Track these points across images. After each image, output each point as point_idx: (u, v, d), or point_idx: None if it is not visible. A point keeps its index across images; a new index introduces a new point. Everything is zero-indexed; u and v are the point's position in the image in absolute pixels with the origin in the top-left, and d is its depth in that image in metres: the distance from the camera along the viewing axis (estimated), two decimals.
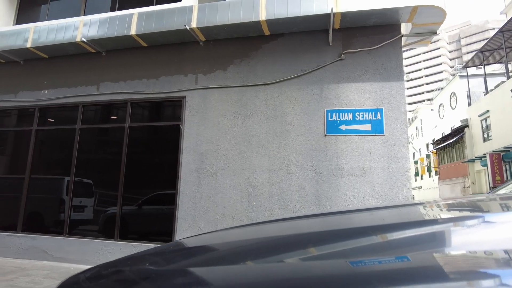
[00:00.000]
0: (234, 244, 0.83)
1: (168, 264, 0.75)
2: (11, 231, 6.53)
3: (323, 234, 0.80)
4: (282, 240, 0.81)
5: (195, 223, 5.52)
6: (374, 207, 1.19)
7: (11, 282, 4.73)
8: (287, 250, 0.66)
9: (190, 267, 0.66)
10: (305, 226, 1.03)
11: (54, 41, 6.35)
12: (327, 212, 1.24)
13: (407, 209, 1.09)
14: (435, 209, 1.05)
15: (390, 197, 4.99)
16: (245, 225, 1.14)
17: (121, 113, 6.53)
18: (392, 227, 0.78)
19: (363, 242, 0.66)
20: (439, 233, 0.69)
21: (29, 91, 7.02)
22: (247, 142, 5.58)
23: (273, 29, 5.64)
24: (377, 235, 0.69)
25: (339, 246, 0.66)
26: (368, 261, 0.54)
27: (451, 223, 0.77)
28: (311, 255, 0.63)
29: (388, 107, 5.19)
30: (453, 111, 27.04)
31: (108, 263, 0.81)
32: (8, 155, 7.48)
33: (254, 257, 0.66)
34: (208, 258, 0.74)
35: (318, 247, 0.66)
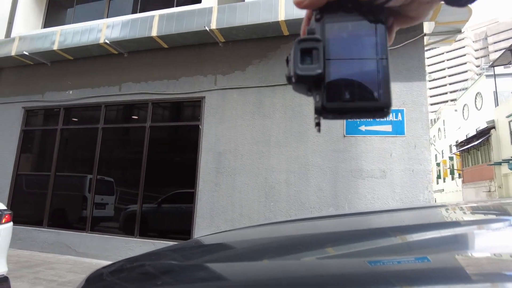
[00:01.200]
0: (252, 242, 0.83)
1: (188, 260, 0.76)
2: (37, 226, 6.78)
3: (341, 234, 0.79)
4: (299, 239, 0.81)
5: (213, 222, 5.57)
6: (394, 209, 1.17)
7: (37, 274, 4.92)
8: (305, 249, 0.66)
9: (210, 263, 0.67)
10: (323, 226, 1.02)
11: (79, 43, 6.55)
12: (345, 213, 1.22)
13: (427, 211, 1.07)
14: (456, 211, 1.02)
15: (410, 199, 4.89)
16: (263, 224, 1.14)
17: (142, 113, 6.67)
18: (412, 228, 0.76)
19: (382, 242, 0.65)
20: (460, 235, 0.67)
21: (55, 92, 7.27)
22: (265, 142, 5.58)
23: (292, 29, 5.62)
24: (397, 236, 0.68)
25: (358, 246, 0.65)
26: (387, 261, 0.53)
27: (473, 226, 0.75)
28: (329, 254, 0.63)
29: (410, 107, 5.08)
30: (478, 112, 26.13)
31: (131, 258, 0.83)
32: (35, 153, 7.78)
33: (272, 255, 0.66)
34: (227, 254, 0.75)
35: (336, 247, 0.66)
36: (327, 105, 0.37)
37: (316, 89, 0.38)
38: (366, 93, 0.37)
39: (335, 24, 0.39)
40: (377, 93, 0.37)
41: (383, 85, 0.37)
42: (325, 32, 0.39)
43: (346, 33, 0.39)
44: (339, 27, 0.39)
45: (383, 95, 0.37)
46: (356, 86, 0.37)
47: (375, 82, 0.37)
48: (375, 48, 0.38)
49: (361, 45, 0.38)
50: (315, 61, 0.37)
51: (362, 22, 0.39)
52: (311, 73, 0.37)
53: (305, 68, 0.37)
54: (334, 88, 0.37)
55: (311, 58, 0.37)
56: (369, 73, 0.37)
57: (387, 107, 0.37)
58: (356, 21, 0.39)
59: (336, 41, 0.38)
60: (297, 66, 0.37)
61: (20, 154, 7.40)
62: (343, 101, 0.37)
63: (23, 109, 7.51)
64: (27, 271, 5.05)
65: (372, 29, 0.39)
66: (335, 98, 0.37)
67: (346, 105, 0.37)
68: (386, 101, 0.37)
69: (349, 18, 0.39)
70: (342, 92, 0.37)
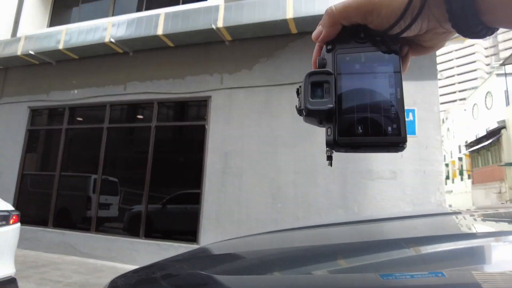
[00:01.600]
0: (262, 253, 0.82)
1: (195, 270, 0.74)
2: (43, 226, 6.77)
3: (352, 245, 0.77)
4: (310, 250, 0.78)
5: (219, 223, 5.49)
6: (406, 216, 1.14)
7: (43, 275, 4.90)
8: (316, 262, 0.65)
9: (218, 275, 0.65)
10: (334, 235, 1.00)
11: (84, 42, 6.52)
12: (356, 220, 1.20)
13: (441, 219, 1.02)
14: (472, 220, 0.97)
15: (421, 201, 4.76)
16: (272, 231, 1.12)
17: (148, 113, 6.62)
18: (426, 239, 0.74)
19: (395, 254, 0.63)
20: (477, 248, 0.64)
21: (60, 91, 7.26)
22: (272, 142, 5.48)
23: (301, 28, 5.51)
24: (410, 248, 0.66)
25: (370, 258, 0.63)
26: (400, 275, 0.51)
27: (490, 237, 0.70)
28: (340, 267, 0.62)
29: (421, 107, 4.95)
30: (488, 111, 25.73)
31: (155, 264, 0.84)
32: (40, 152, 7.78)
33: (282, 268, 0.65)
34: (236, 266, 0.73)
35: (347, 259, 0.65)
36: (339, 140, 0.36)
37: (327, 123, 0.37)
38: (379, 128, 0.35)
39: (347, 55, 0.38)
40: (390, 128, 0.35)
41: (397, 120, 0.35)
42: (337, 64, 0.38)
43: (359, 64, 0.38)
44: (352, 58, 0.38)
45: (397, 130, 0.35)
46: (369, 121, 0.36)
47: (389, 117, 0.35)
48: (389, 81, 0.36)
49: (375, 78, 0.37)
50: (326, 95, 0.36)
51: (376, 53, 0.38)
52: (322, 107, 0.36)
53: (316, 102, 0.37)
54: (346, 123, 0.36)
55: (322, 92, 0.37)
56: (383, 107, 0.36)
57: (402, 142, 0.35)
58: (369, 51, 0.38)
59: (348, 73, 0.37)
60: (308, 100, 0.37)
61: (26, 153, 7.40)
62: (356, 136, 0.36)
63: (28, 109, 7.51)
64: (33, 272, 5.05)
65: (386, 60, 0.37)
66: (347, 133, 0.36)
67: (358, 140, 0.36)
68: (400, 137, 0.35)
69: (362, 49, 0.38)
70: (355, 127, 0.36)
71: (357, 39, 0.38)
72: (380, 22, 0.37)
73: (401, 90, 0.36)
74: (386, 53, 0.37)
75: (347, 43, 0.38)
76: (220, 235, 5.44)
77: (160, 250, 5.67)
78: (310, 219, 5.07)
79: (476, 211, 1.12)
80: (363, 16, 0.37)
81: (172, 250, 5.60)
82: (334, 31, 0.39)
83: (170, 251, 5.60)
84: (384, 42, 0.37)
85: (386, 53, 0.37)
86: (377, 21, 0.37)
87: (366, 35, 0.38)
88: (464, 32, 0.35)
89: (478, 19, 0.34)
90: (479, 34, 0.35)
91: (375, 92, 0.36)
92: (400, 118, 0.35)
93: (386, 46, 0.37)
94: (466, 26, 0.35)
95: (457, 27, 0.35)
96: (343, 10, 0.37)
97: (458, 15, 0.34)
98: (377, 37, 0.37)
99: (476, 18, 0.34)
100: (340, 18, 0.38)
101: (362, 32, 0.38)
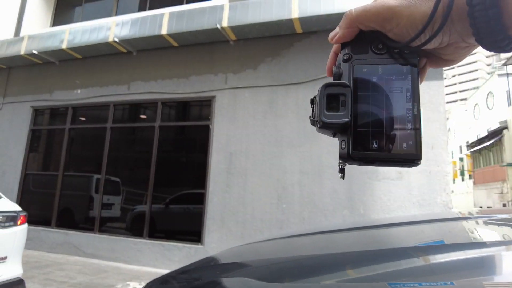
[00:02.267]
0: (270, 261, 0.83)
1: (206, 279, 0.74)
2: (46, 226, 6.75)
3: (361, 254, 0.77)
4: (319, 259, 0.79)
5: (224, 224, 5.46)
6: (414, 221, 1.14)
7: (48, 275, 4.88)
8: (325, 271, 0.66)
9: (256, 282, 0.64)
10: (342, 242, 1.00)
11: (87, 42, 6.49)
12: (362, 226, 1.19)
13: (451, 224, 1.02)
14: (482, 227, 0.96)
15: (427, 201, 4.73)
16: (280, 237, 1.12)
17: (151, 113, 6.59)
18: (435, 248, 0.73)
19: (404, 264, 0.63)
20: (488, 258, 0.62)
21: (63, 91, 7.23)
22: (277, 142, 5.46)
23: (306, 27, 5.48)
24: (419, 257, 0.66)
25: (378, 268, 0.63)
26: (409, 284, 0.51)
27: (502, 246, 0.70)
28: (349, 277, 0.62)
29: (427, 107, 4.92)
30: (490, 111, 25.70)
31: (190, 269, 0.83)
32: (43, 152, 7.76)
33: (291, 277, 0.66)
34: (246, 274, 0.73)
35: (356, 269, 0.65)
36: (353, 154, 0.35)
37: (342, 135, 0.37)
38: (394, 143, 0.35)
39: (364, 67, 0.37)
40: (405, 144, 0.34)
41: (413, 136, 0.35)
42: (354, 75, 0.37)
43: (376, 76, 0.36)
44: (369, 70, 0.37)
45: (412, 146, 0.34)
46: (384, 136, 0.35)
47: (405, 132, 0.35)
48: (406, 95, 0.35)
49: (391, 91, 0.36)
50: (342, 107, 0.36)
51: (393, 65, 0.36)
52: (338, 121, 0.35)
53: (332, 115, 0.36)
54: (361, 137, 0.35)
55: (338, 104, 0.36)
56: (399, 122, 0.35)
57: (417, 159, 0.35)
58: (386, 64, 0.37)
59: (365, 86, 0.36)
60: (323, 113, 0.36)
61: (29, 153, 7.37)
62: (370, 151, 0.35)
63: (31, 108, 7.48)
64: (37, 272, 5.02)
65: (404, 73, 0.36)
66: (362, 147, 0.35)
67: (373, 155, 0.35)
68: (415, 153, 0.34)
69: (379, 60, 0.37)
70: (370, 141, 0.35)
71: (375, 49, 0.37)
72: (399, 32, 0.36)
73: (419, 106, 0.35)
74: (404, 65, 0.36)
75: (365, 53, 0.37)
76: (225, 236, 5.41)
77: (164, 251, 5.64)
78: (315, 220, 5.05)
79: (484, 217, 1.11)
80: (382, 23, 0.36)
81: (176, 250, 5.57)
82: (350, 33, 0.38)
83: (174, 252, 5.57)
84: (402, 55, 0.37)
85: (405, 66, 0.36)
86: (396, 30, 0.36)
87: (384, 46, 0.37)
88: (488, 46, 0.34)
89: (504, 33, 0.32)
90: (505, 49, 0.34)
91: (391, 107, 0.35)
92: (416, 134, 0.35)
93: (404, 59, 0.36)
94: (491, 41, 0.33)
95: (482, 42, 0.33)
96: (362, 13, 0.37)
97: (483, 30, 0.32)
98: (395, 49, 0.37)
99: (503, 32, 0.32)
100: (358, 21, 0.37)
101: (380, 42, 0.37)
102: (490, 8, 0.31)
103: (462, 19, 0.34)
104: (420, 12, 0.34)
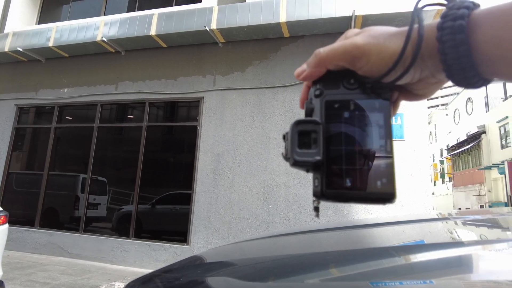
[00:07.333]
0: (255, 260, 0.83)
1: (189, 278, 0.74)
2: (29, 226, 6.63)
3: (344, 253, 0.78)
4: (302, 258, 0.80)
5: (211, 224, 5.51)
6: (396, 221, 1.16)
7: (29, 277, 4.80)
8: (308, 269, 0.66)
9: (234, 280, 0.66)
10: (325, 242, 1.01)
11: (75, 41, 6.44)
12: (346, 226, 1.21)
13: (431, 225, 1.05)
14: (460, 227, 1.00)
15: (409, 203, 4.90)
16: (265, 237, 1.13)
17: (139, 113, 6.58)
18: (415, 247, 0.75)
19: (385, 263, 0.64)
20: (467, 256, 0.65)
21: (49, 89, 7.13)
22: (264, 144, 5.55)
23: (293, 31, 5.60)
24: (400, 256, 0.67)
25: (361, 267, 0.64)
26: (390, 283, 0.52)
27: (479, 245, 0.73)
28: (332, 276, 0.62)
29: (409, 111, 5.10)
30: (469, 116, 26.52)
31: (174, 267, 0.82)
32: (27, 151, 7.62)
33: (274, 276, 0.66)
34: (229, 274, 0.73)
35: (339, 267, 0.66)
36: (327, 193, 0.35)
37: (314, 172, 0.36)
38: (368, 181, 0.34)
39: (335, 102, 0.36)
40: (380, 182, 0.34)
41: (387, 174, 0.34)
42: (325, 111, 0.36)
43: (348, 112, 0.36)
44: (340, 106, 0.36)
45: (387, 184, 0.34)
46: (357, 174, 0.34)
47: (379, 170, 0.34)
48: (379, 132, 0.35)
49: (364, 127, 0.35)
50: (314, 145, 0.35)
51: (366, 100, 0.36)
52: (310, 159, 0.34)
53: (304, 153, 0.35)
54: (334, 175, 0.34)
55: (309, 140, 0.35)
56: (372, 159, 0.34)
57: (391, 198, 0.34)
58: (358, 99, 0.36)
59: (337, 122, 0.35)
60: (295, 151, 0.35)
61: (12, 152, 7.23)
62: (344, 189, 0.34)
63: (15, 106, 7.34)
64: (19, 273, 4.93)
65: (376, 108, 0.35)
66: (335, 186, 0.34)
67: (346, 194, 0.34)
68: (389, 192, 0.34)
69: (351, 96, 0.36)
70: (343, 180, 0.34)
71: (347, 85, 0.37)
72: (369, 70, 0.35)
73: (391, 142, 0.35)
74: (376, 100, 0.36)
75: (336, 89, 0.37)
76: (211, 236, 5.46)
77: (150, 251, 5.64)
78: (300, 220, 5.16)
79: (463, 217, 1.14)
80: (351, 62, 0.36)
81: (162, 250, 5.59)
82: (317, 73, 0.38)
83: (161, 252, 5.58)
84: (374, 90, 0.36)
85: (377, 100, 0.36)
86: (366, 68, 0.35)
87: (356, 82, 0.37)
88: (459, 82, 0.34)
89: (474, 70, 0.32)
90: (475, 85, 0.34)
91: (364, 143, 0.35)
92: (390, 171, 0.34)
93: (376, 94, 0.36)
94: (461, 78, 0.33)
95: (452, 78, 0.34)
96: (330, 53, 0.36)
97: (453, 67, 0.33)
98: (367, 84, 0.36)
99: (473, 69, 0.32)
100: (325, 61, 0.37)
101: (352, 78, 0.37)
102: (461, 45, 0.32)
103: (433, 55, 0.34)
104: (389, 50, 0.34)
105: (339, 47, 0.36)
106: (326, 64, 0.37)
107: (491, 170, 21.84)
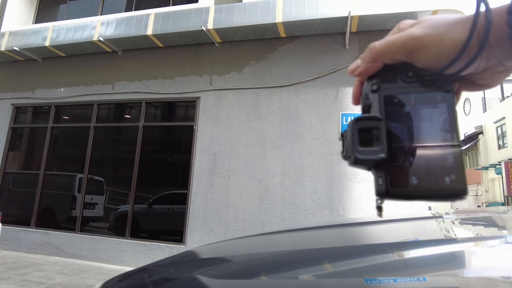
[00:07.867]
0: (248, 257, 0.82)
1: (182, 274, 0.74)
2: (25, 226, 6.62)
3: (338, 250, 0.78)
4: (296, 254, 0.80)
5: (207, 224, 5.51)
6: (390, 219, 1.16)
7: (25, 276, 4.79)
8: (302, 266, 0.66)
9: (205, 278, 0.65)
10: (320, 239, 1.01)
11: (72, 40, 6.44)
12: (341, 223, 1.21)
13: (424, 223, 1.05)
14: (454, 225, 1.00)
15: (406, 202, 4.90)
16: (259, 234, 1.13)
17: (136, 112, 6.58)
18: (409, 244, 0.76)
19: (379, 259, 0.64)
20: (458, 253, 0.65)
21: (46, 89, 7.12)
22: (260, 144, 5.56)
23: (290, 31, 5.61)
24: (394, 253, 0.67)
25: (354, 263, 0.64)
26: (384, 279, 0.52)
27: (471, 242, 0.73)
28: (325, 272, 0.62)
29: None
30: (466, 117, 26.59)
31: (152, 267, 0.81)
32: (24, 151, 7.60)
33: (268, 272, 0.66)
34: (223, 270, 0.74)
35: (332, 264, 0.66)
36: (392, 192, 0.33)
37: (377, 171, 0.34)
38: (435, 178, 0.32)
39: (394, 97, 0.35)
40: (448, 178, 0.32)
41: (456, 169, 0.32)
42: (384, 106, 0.34)
43: (409, 107, 0.34)
44: (400, 100, 0.34)
45: (455, 180, 0.32)
46: (424, 170, 0.32)
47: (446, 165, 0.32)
48: (443, 125, 0.33)
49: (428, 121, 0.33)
50: (376, 142, 0.33)
51: (426, 93, 0.34)
52: (373, 157, 0.33)
53: (366, 151, 0.33)
54: (400, 173, 0.33)
55: (371, 138, 0.33)
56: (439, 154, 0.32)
57: (461, 194, 0.32)
58: (418, 92, 0.34)
59: (398, 117, 0.34)
60: (356, 149, 0.33)
61: (8, 151, 7.21)
62: (410, 187, 0.32)
63: (12, 106, 7.33)
64: (14, 273, 4.92)
65: (438, 101, 0.34)
66: (400, 184, 0.33)
67: (413, 192, 0.32)
68: (460, 188, 0.32)
69: (411, 89, 0.34)
70: (409, 177, 0.32)
71: (405, 78, 0.35)
72: (429, 62, 0.33)
73: (458, 135, 0.33)
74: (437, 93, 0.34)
75: (394, 83, 0.35)
76: (207, 236, 5.46)
77: (147, 251, 5.64)
78: (296, 220, 5.17)
79: (456, 215, 1.14)
80: (409, 55, 0.34)
81: (158, 250, 5.59)
82: (374, 68, 0.36)
83: (157, 252, 5.59)
84: (435, 82, 0.34)
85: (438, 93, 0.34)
86: (425, 60, 0.33)
87: (415, 74, 0.35)
88: None
89: None
90: None
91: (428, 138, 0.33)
92: (459, 166, 0.32)
93: (437, 86, 0.34)
94: None
95: None
96: (387, 47, 0.34)
97: None
98: (426, 77, 0.34)
99: None
100: (382, 55, 0.35)
101: (410, 70, 0.35)
102: None
103: (502, 42, 0.31)
104: (451, 40, 0.32)
105: (395, 40, 0.34)
106: (383, 59, 0.35)
107: (488, 170, 21.90)
